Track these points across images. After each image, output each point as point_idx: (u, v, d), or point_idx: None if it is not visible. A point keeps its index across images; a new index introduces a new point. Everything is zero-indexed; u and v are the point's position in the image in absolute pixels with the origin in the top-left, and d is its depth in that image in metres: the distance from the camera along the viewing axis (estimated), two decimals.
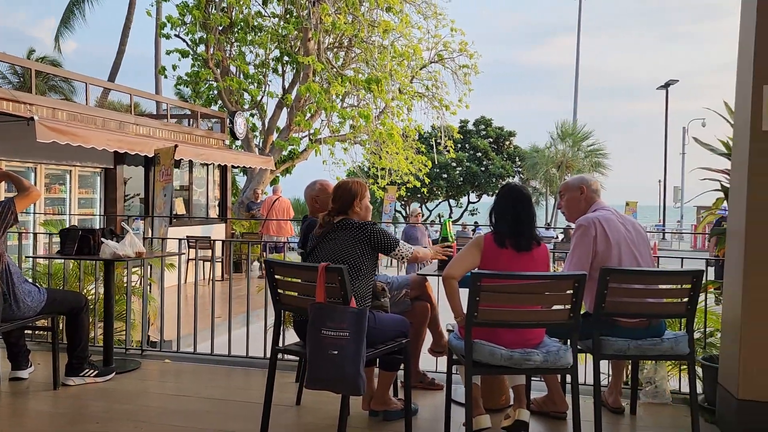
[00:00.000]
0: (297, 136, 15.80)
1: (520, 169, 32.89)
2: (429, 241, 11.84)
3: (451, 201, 33.38)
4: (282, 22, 15.13)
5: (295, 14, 14.69)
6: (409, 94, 16.60)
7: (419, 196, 28.94)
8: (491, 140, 32.43)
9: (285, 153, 16.12)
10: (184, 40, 15.05)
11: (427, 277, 3.94)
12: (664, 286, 3.27)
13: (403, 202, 32.15)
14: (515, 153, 32.68)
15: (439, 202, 33.34)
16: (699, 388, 3.83)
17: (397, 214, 31.01)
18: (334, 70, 15.27)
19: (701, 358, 3.85)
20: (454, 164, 30.29)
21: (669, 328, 3.76)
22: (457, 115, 18.63)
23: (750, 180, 3.28)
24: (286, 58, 15.75)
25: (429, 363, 4.34)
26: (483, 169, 31.22)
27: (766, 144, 3.26)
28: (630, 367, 3.89)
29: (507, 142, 32.97)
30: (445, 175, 30.74)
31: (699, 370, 3.94)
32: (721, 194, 4.09)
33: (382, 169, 16.44)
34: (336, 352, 2.82)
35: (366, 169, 19.91)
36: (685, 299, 3.19)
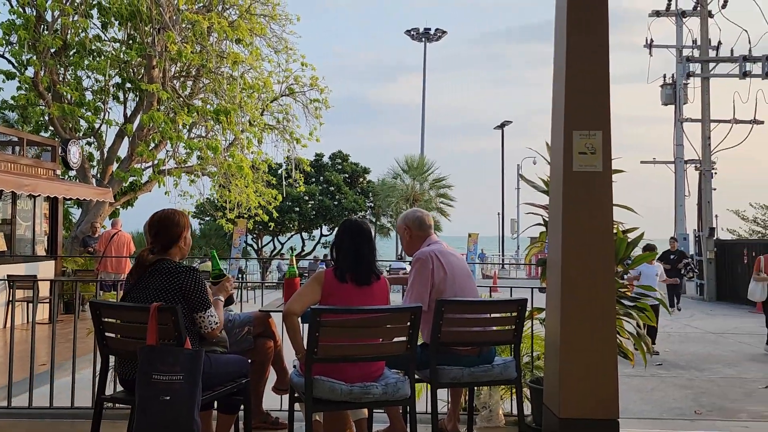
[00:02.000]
0: (139, 167, 14.98)
1: (373, 204, 33.73)
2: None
3: (304, 234, 33.33)
4: (124, 47, 14.39)
5: (138, 40, 14.04)
6: (259, 127, 16.45)
7: (270, 229, 28.56)
8: (347, 175, 32.99)
9: (126, 184, 15.19)
10: (9, 61, 13.77)
11: (271, 313, 3.87)
12: (493, 315, 3.49)
13: (254, 236, 31.55)
14: (368, 188, 33.50)
15: (291, 235, 33.16)
16: (528, 410, 4.11)
17: (248, 248, 30.35)
18: (181, 99, 14.76)
19: (529, 381, 4.13)
20: (306, 198, 30.36)
21: (504, 354, 4.01)
22: (309, 149, 18.79)
23: (563, 215, 3.62)
24: (128, 84, 14.96)
25: (274, 402, 4.24)
26: (336, 203, 31.61)
27: (576, 183, 3.62)
28: (467, 393, 4.08)
29: (361, 178, 33.74)
30: (297, 209, 30.68)
31: (530, 393, 4.22)
32: (544, 228, 4.47)
33: (231, 202, 16.05)
34: (168, 398, 2.67)
35: (214, 202, 19.32)
36: (512, 326, 3.43)
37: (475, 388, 4.01)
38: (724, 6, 20.01)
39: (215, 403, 3.26)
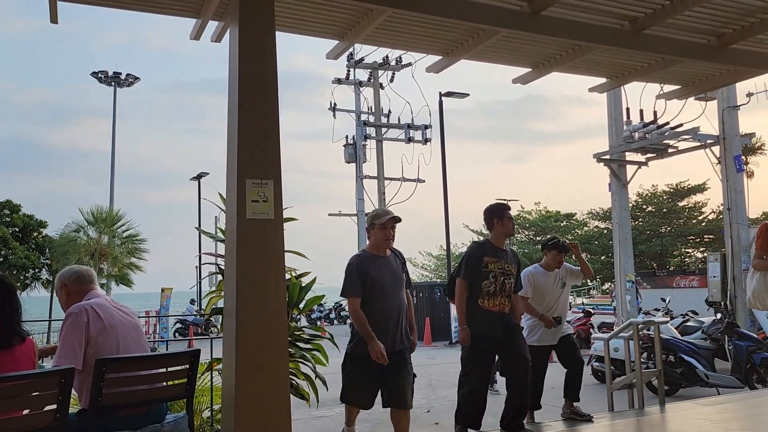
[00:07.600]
0: None
1: (49, 261, 29.83)
2: None
3: None
4: None
5: None
6: None
7: None
8: (17, 229, 28.65)
9: None
10: None
11: None
12: (163, 370, 3.31)
13: None
14: (45, 243, 29.56)
15: None
16: None
17: None
18: None
19: None
20: None
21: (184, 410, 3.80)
22: None
23: (238, 262, 3.65)
24: None
25: None
26: (1, 260, 27.15)
27: (250, 230, 3.71)
28: None
29: (36, 233, 29.66)
30: None
31: None
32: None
33: None
34: None
35: None
36: (185, 380, 3.29)
37: None
38: (392, 81, 23.25)
39: None
